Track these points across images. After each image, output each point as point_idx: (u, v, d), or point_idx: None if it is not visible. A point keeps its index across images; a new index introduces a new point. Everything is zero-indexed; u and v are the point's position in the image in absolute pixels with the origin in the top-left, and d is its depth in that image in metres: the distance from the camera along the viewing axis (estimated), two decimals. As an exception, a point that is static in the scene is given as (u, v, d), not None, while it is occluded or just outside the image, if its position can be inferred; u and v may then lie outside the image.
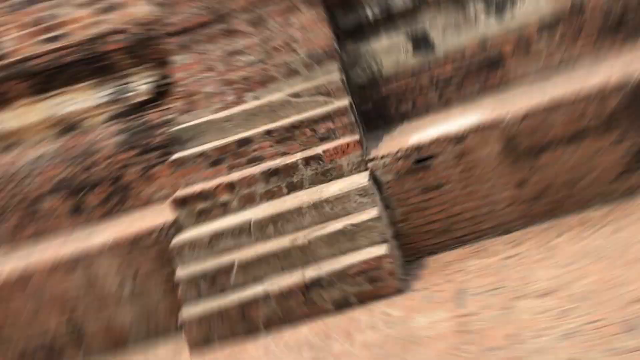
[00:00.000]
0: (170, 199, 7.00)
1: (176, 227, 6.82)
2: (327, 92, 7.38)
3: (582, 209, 6.49)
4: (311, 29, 8.05)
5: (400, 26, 8.36)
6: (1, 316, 6.92)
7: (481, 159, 6.54)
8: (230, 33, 8.33)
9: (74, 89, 8.70)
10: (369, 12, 8.34)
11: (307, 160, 6.81)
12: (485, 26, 8.24)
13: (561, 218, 6.49)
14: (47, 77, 8.63)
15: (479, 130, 6.54)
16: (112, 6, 9.17)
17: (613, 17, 7.98)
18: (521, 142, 6.50)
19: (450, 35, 8.28)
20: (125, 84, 8.70)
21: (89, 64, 8.56)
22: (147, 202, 8.34)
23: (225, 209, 6.84)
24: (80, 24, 9.18)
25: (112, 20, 9.13)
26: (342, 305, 5.95)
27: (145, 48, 8.54)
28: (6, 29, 9.24)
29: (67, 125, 8.80)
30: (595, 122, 6.43)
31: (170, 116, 8.41)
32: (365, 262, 5.95)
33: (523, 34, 8.13)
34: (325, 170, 6.78)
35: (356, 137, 6.83)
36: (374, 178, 6.60)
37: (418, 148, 6.60)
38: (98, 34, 8.68)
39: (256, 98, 7.72)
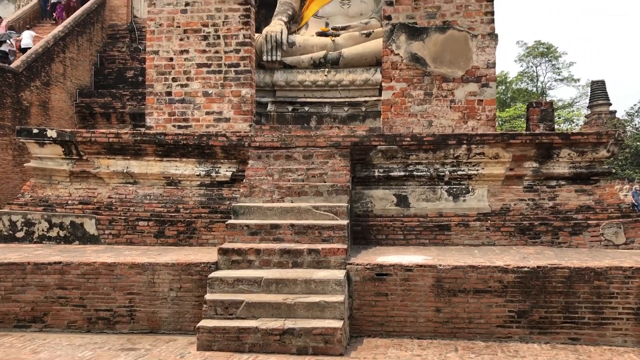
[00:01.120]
0: (218, 247, 6.94)
1: (216, 266, 6.73)
2: (335, 212, 7.39)
3: (472, 338, 6.31)
4: (338, 171, 8.13)
5: (392, 186, 8.40)
6: (86, 288, 6.78)
7: (418, 286, 6.44)
8: (289, 158, 8.43)
9: (183, 160, 8.78)
10: (376, 172, 8.43)
11: (310, 251, 6.74)
12: (444, 203, 8.27)
13: (457, 340, 6.30)
14: (170, 148, 8.73)
15: (422, 267, 6.46)
16: (223, 118, 9.36)
17: (524, 224, 7.98)
18: (446, 284, 6.40)
19: (421, 202, 8.30)
20: (216, 167, 8.77)
21: (198, 148, 8.67)
22: (204, 244, 8.26)
23: (249, 265, 6.75)
24: (201, 123, 9.36)
25: (221, 127, 9.30)
26: (302, 351, 5.76)
27: (235, 150, 8.65)
28: (154, 113, 9.45)
29: (172, 181, 8.84)
30: (496, 286, 6.34)
31: (236, 195, 8.45)
32: (325, 328, 5.79)
33: (467, 215, 8.15)
34: (319, 260, 6.70)
35: (344, 246, 6.78)
36: (347, 276, 6.51)
37: (381, 266, 6.53)
38: (209, 133, 8.82)
39: (291, 202, 7.74)
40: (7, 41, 16.64)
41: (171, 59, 9.50)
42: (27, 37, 17.11)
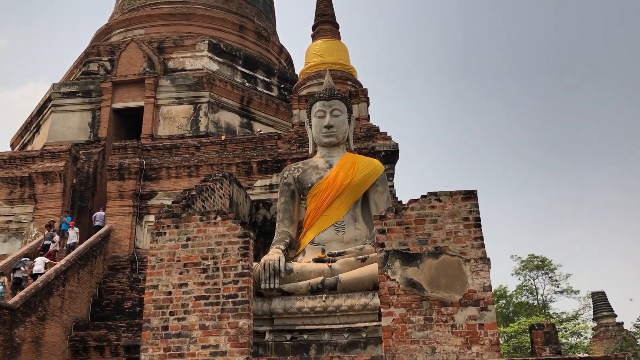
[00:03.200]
0: None
1: None
2: None
3: None
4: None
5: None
6: None
7: None
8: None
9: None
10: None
11: None
12: None
13: None
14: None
15: None
16: (219, 352, 9.10)
17: None
18: None
19: None
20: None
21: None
22: None
23: None
24: (197, 358, 9.08)
25: (217, 361, 9.00)
26: None
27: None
28: (149, 349, 9.21)
29: None
30: None
31: None
32: None
33: None
34: None
35: None
36: None
37: None
38: (205, 369, 8.51)
39: None
40: (22, 268, 17.09)
41: (170, 293, 9.58)
42: (39, 263, 17.59)
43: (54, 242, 19.82)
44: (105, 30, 34.12)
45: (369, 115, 25.41)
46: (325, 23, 29.02)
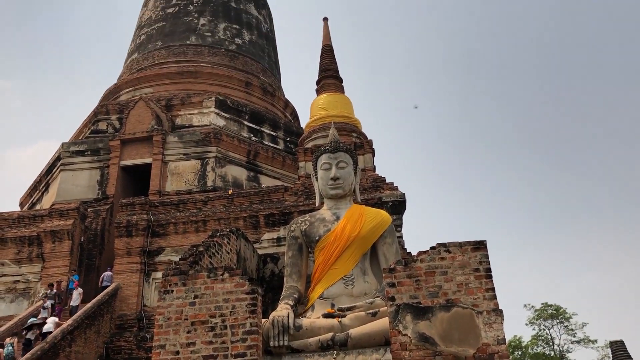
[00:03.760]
0: None
1: None
2: None
3: None
4: None
5: None
6: None
7: None
8: None
9: None
10: None
11: None
12: None
13: None
14: None
15: None
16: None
17: None
18: None
19: None
20: None
21: None
22: None
23: None
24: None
25: None
26: None
27: None
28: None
29: None
30: None
31: None
32: None
33: None
34: None
35: None
36: None
37: None
38: None
39: None
40: (34, 329, 16.94)
41: (177, 352, 9.39)
42: (50, 323, 17.38)
43: (45, 307, 19.02)
44: (114, 90, 34.90)
45: (374, 166, 25.53)
46: (329, 77, 29.62)
